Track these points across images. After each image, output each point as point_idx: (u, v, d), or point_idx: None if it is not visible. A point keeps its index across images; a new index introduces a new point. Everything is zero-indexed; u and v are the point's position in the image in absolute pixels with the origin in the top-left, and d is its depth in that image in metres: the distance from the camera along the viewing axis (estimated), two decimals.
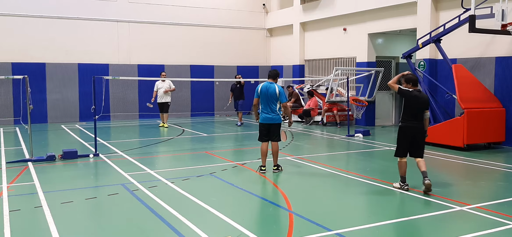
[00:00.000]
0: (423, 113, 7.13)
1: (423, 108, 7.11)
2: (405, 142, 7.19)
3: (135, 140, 13.18)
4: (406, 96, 7.18)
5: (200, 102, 20.18)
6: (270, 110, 8.42)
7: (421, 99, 7.12)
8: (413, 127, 7.12)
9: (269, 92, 8.36)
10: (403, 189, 7.18)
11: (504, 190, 7.50)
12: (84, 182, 8.02)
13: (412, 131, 7.13)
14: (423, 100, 7.13)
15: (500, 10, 10.58)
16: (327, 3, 17.66)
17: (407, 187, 7.19)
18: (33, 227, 5.70)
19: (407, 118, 7.16)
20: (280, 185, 7.69)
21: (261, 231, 5.39)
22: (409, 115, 7.14)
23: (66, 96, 17.85)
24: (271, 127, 8.50)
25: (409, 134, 7.14)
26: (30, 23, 17.15)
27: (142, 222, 5.79)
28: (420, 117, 7.14)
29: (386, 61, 16.91)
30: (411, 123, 7.12)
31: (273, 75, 8.58)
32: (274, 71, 8.68)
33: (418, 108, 7.10)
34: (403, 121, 7.24)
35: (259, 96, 8.48)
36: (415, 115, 7.11)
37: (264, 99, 8.41)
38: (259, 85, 8.57)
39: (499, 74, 11.91)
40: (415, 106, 7.11)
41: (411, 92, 7.16)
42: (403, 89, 7.22)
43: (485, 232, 5.35)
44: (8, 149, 11.33)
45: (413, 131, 7.12)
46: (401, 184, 7.25)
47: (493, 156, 10.39)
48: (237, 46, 21.16)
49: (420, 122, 7.14)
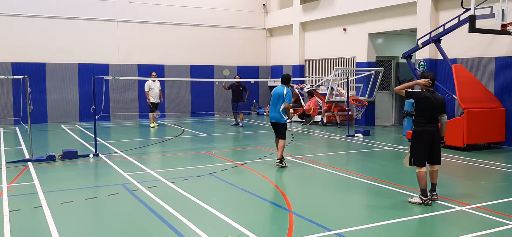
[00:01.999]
0: (438, 116, 6.38)
1: (437, 111, 6.36)
2: (422, 148, 6.37)
3: (135, 140, 13.18)
4: (416, 97, 6.46)
5: (200, 102, 20.17)
6: (276, 111, 9.15)
7: (435, 101, 6.36)
8: (431, 132, 6.34)
9: (278, 94, 9.14)
10: (427, 204, 6.29)
11: (504, 190, 7.50)
12: (84, 182, 8.02)
13: (429, 136, 6.34)
14: (438, 102, 6.38)
15: (500, 10, 10.57)
16: (327, 3, 17.66)
17: (431, 200, 6.34)
18: (33, 227, 5.70)
19: (422, 122, 6.37)
20: (280, 185, 7.69)
21: (261, 231, 5.39)
22: (424, 118, 6.37)
23: (66, 96, 17.85)
24: (277, 125, 9.24)
25: (426, 139, 6.35)
26: (30, 23, 17.15)
27: (142, 222, 5.79)
28: (435, 120, 6.38)
29: (386, 61, 16.91)
30: (428, 127, 6.34)
31: (284, 79, 9.31)
32: (285, 75, 9.38)
33: (431, 109, 6.34)
34: (418, 125, 6.44)
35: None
36: (429, 118, 6.34)
37: (273, 101, 9.20)
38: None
39: (499, 74, 11.91)
40: (427, 108, 6.34)
41: (422, 93, 6.43)
42: (411, 91, 6.51)
43: (485, 232, 5.35)
44: (8, 149, 11.33)
45: (432, 136, 6.35)
46: (423, 199, 6.33)
47: (493, 156, 10.39)
48: (237, 46, 21.15)
49: (436, 125, 6.39)
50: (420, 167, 6.39)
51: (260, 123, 17.89)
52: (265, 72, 21.99)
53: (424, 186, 6.30)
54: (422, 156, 6.39)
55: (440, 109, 6.41)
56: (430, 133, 6.37)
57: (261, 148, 11.67)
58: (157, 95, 15.63)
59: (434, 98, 6.38)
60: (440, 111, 6.43)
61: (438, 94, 6.57)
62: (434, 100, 6.36)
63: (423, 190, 6.31)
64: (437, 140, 6.44)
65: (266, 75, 21.85)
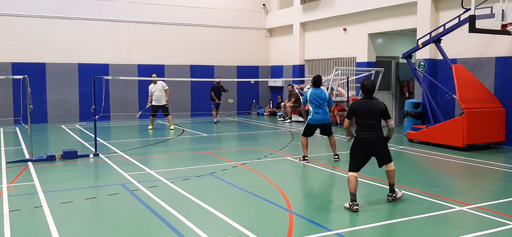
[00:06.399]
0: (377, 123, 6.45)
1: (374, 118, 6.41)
2: (355, 154, 6.46)
3: (135, 140, 13.18)
4: (351, 108, 6.62)
5: (200, 102, 20.16)
6: (324, 112, 9.52)
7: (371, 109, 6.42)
8: (369, 139, 6.42)
9: (323, 98, 9.47)
10: (352, 209, 6.11)
11: (504, 190, 7.50)
12: (84, 182, 8.02)
13: (367, 142, 6.42)
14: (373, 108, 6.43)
15: (500, 10, 10.57)
16: (327, 3, 17.66)
17: (356, 207, 6.11)
18: (33, 227, 5.70)
19: (360, 129, 6.48)
20: (280, 185, 7.69)
21: (261, 231, 5.38)
22: (361, 126, 6.48)
23: (66, 96, 17.85)
24: (326, 126, 9.63)
25: (363, 146, 6.43)
26: (30, 23, 17.16)
27: (142, 222, 5.79)
28: (374, 127, 6.44)
29: (386, 61, 16.91)
30: (365, 135, 6.42)
31: (318, 81, 9.61)
32: (318, 77, 9.66)
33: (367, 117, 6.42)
34: (356, 133, 6.58)
35: (308, 101, 9.57)
36: (367, 125, 6.42)
37: (318, 103, 9.47)
38: (307, 92, 9.73)
39: (499, 74, 11.91)
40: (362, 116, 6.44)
41: (357, 101, 6.63)
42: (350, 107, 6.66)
43: (485, 232, 5.35)
44: (8, 149, 11.33)
45: (370, 142, 6.42)
46: (349, 204, 6.20)
47: (493, 156, 10.39)
48: (237, 46, 21.16)
49: (376, 132, 6.46)
50: (350, 171, 6.42)
51: (260, 123, 17.89)
52: (265, 72, 21.99)
53: (351, 190, 6.23)
54: (354, 162, 6.43)
55: (377, 116, 6.43)
56: (368, 140, 6.40)
57: (261, 148, 11.67)
58: (159, 97, 15.14)
59: (370, 105, 6.44)
60: (378, 118, 6.44)
61: (377, 101, 6.57)
62: (369, 108, 6.41)
63: (352, 194, 6.22)
64: (379, 144, 6.46)
65: (266, 75, 21.85)
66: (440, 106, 12.76)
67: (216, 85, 17.40)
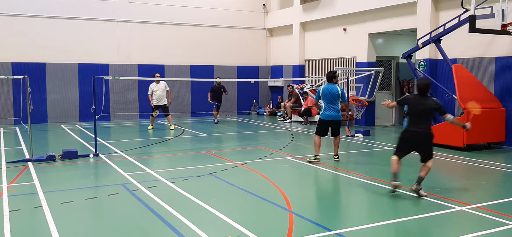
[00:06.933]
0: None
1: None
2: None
3: (135, 140, 13.18)
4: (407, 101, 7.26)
5: (200, 102, 20.15)
6: (336, 109, 9.38)
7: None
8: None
9: (334, 94, 9.31)
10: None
11: (504, 190, 7.50)
12: (84, 182, 8.02)
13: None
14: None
15: (500, 10, 10.57)
16: (327, 3, 17.66)
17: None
18: (33, 227, 5.70)
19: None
20: (280, 185, 7.69)
21: (261, 231, 5.38)
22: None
23: (66, 96, 17.85)
24: (336, 123, 9.49)
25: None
26: (30, 23, 17.16)
27: (142, 222, 5.79)
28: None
29: (386, 61, 16.91)
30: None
31: (331, 76, 9.52)
32: (331, 73, 9.59)
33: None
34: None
35: (321, 97, 9.45)
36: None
37: (330, 100, 9.33)
38: (320, 88, 9.55)
39: (499, 74, 11.91)
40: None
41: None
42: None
43: (485, 232, 5.35)
44: (8, 149, 11.33)
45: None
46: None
47: (493, 156, 10.39)
48: (237, 46, 21.16)
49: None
50: (394, 155, 7.04)
51: (260, 123, 17.90)
52: (265, 72, 21.99)
53: (392, 170, 6.89)
54: (398, 148, 7.08)
55: (428, 113, 6.93)
56: (415, 133, 6.94)
57: (261, 148, 11.67)
58: (160, 97, 15.10)
59: (423, 102, 6.95)
60: (429, 115, 6.95)
61: (431, 99, 7.01)
62: (422, 104, 6.93)
63: (392, 173, 6.88)
64: (424, 139, 6.92)
65: (266, 75, 21.85)
66: None
67: (216, 86, 17.36)
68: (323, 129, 9.58)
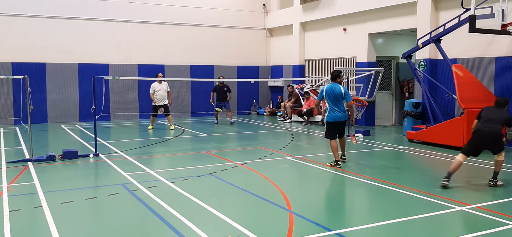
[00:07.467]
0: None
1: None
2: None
3: (135, 140, 13.18)
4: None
5: (200, 102, 20.16)
6: (341, 110, 9.17)
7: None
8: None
9: (337, 94, 9.08)
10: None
11: (504, 190, 7.50)
12: (84, 182, 8.02)
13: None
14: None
15: (500, 10, 10.56)
16: (327, 3, 17.66)
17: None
18: (33, 227, 5.70)
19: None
20: (280, 185, 7.69)
21: (261, 231, 5.38)
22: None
23: (66, 96, 17.85)
24: (342, 124, 9.31)
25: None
26: (30, 23, 17.16)
27: (142, 222, 5.79)
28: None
29: (386, 61, 16.91)
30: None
31: (334, 75, 9.28)
32: (335, 72, 9.35)
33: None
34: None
35: (324, 97, 9.25)
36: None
37: (333, 101, 9.12)
38: (323, 87, 9.34)
39: (499, 74, 11.91)
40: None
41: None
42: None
43: (485, 232, 5.35)
44: (8, 149, 11.33)
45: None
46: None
47: (493, 156, 10.34)
48: (237, 46, 21.16)
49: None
50: (461, 153, 7.74)
51: (260, 123, 17.90)
52: (265, 72, 21.99)
53: (450, 170, 7.50)
54: (467, 147, 7.78)
55: (500, 119, 7.62)
56: (484, 131, 7.57)
57: (261, 148, 11.67)
58: (162, 97, 15.11)
59: (497, 111, 7.75)
60: (500, 121, 7.61)
61: (506, 112, 7.78)
62: (496, 112, 7.74)
63: (449, 172, 7.48)
64: (494, 136, 7.55)
65: (266, 75, 21.85)
66: (440, 106, 12.75)
67: (220, 85, 17.06)
68: (331, 131, 9.34)
